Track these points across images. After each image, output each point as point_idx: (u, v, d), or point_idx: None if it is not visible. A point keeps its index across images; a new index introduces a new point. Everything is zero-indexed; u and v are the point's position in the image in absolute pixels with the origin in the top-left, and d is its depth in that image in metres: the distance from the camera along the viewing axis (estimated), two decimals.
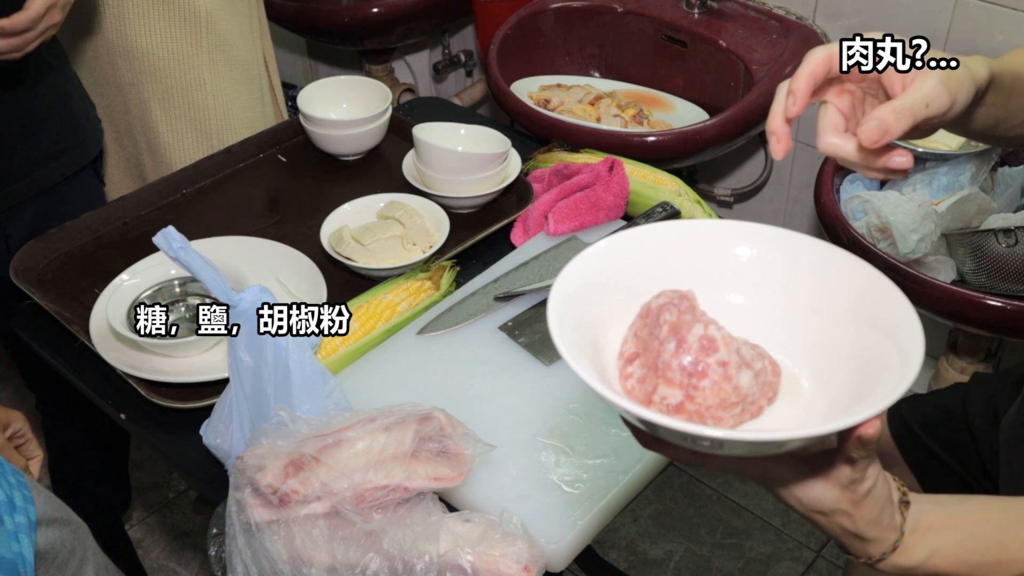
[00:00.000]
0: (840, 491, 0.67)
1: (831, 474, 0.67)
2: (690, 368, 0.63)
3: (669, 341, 0.64)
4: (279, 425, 0.96)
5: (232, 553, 0.95)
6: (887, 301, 0.67)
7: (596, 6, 2.06)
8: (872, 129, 0.71)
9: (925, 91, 0.73)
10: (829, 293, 0.70)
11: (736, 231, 0.74)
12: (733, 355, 0.64)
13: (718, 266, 0.73)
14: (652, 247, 0.73)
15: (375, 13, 2.28)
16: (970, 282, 1.55)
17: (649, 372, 0.65)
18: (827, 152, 0.75)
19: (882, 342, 0.65)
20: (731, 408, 0.64)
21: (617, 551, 2.05)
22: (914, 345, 0.63)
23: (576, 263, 0.70)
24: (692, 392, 0.63)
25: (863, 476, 0.67)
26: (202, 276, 1.00)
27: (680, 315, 0.64)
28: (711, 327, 0.64)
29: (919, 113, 0.73)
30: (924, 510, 0.72)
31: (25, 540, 0.87)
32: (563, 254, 1.33)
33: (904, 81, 0.74)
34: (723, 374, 0.63)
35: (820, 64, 0.75)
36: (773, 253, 0.73)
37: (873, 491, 0.68)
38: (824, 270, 0.71)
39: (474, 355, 1.19)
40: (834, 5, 1.88)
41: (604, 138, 1.74)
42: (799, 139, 2.07)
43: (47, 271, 1.35)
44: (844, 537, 0.71)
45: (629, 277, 0.71)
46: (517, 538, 0.93)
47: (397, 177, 1.49)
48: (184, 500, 2.25)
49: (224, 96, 1.69)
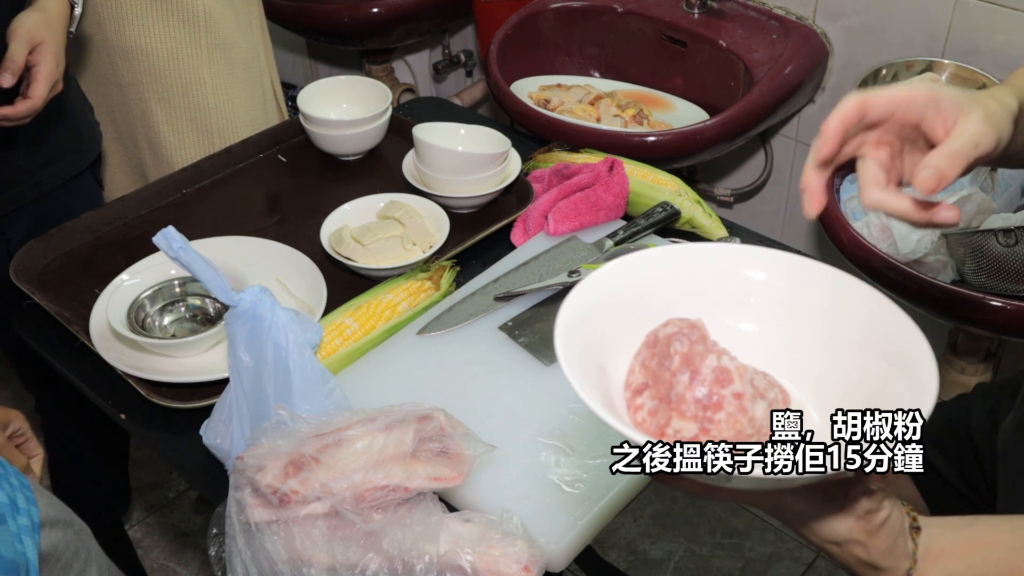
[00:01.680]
0: (855, 522, 0.67)
1: (847, 505, 0.66)
2: (705, 400, 0.62)
3: (682, 373, 0.63)
4: (279, 425, 0.96)
5: (232, 553, 0.95)
6: (898, 331, 0.66)
7: (596, 6, 2.06)
8: (928, 178, 0.70)
9: (971, 132, 0.72)
10: (838, 320, 0.69)
11: (742, 255, 0.73)
12: (747, 386, 0.63)
13: (722, 292, 0.72)
14: (655, 272, 0.72)
15: (375, 13, 2.28)
16: (970, 282, 1.55)
17: (662, 404, 0.64)
18: (872, 208, 0.74)
19: (891, 373, 0.64)
20: (746, 440, 0.63)
21: (617, 551, 2.05)
22: (928, 379, 0.61)
23: (580, 288, 0.69)
24: (707, 425, 0.62)
25: (879, 506, 0.67)
26: (202, 276, 1.00)
27: (692, 345, 0.63)
28: (724, 357, 0.63)
29: (970, 155, 0.72)
30: (935, 535, 0.72)
31: (28, 542, 0.87)
32: (563, 254, 1.33)
33: (945, 124, 0.73)
34: (738, 406, 0.62)
35: (852, 110, 0.73)
36: (780, 278, 0.72)
37: (888, 521, 0.68)
38: (833, 296, 0.70)
39: (474, 355, 1.19)
40: (834, 5, 1.88)
41: (604, 138, 1.74)
42: (799, 139, 2.07)
43: (47, 271, 1.35)
44: (857, 567, 0.70)
45: (632, 302, 0.70)
46: (517, 538, 0.93)
47: (397, 177, 1.49)
48: (184, 500, 2.25)
49: (225, 95, 1.70)
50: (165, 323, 1.26)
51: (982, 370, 1.76)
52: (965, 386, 1.77)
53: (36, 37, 1.25)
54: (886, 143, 0.76)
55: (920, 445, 0.64)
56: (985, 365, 1.76)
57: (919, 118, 0.75)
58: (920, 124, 0.74)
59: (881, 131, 0.76)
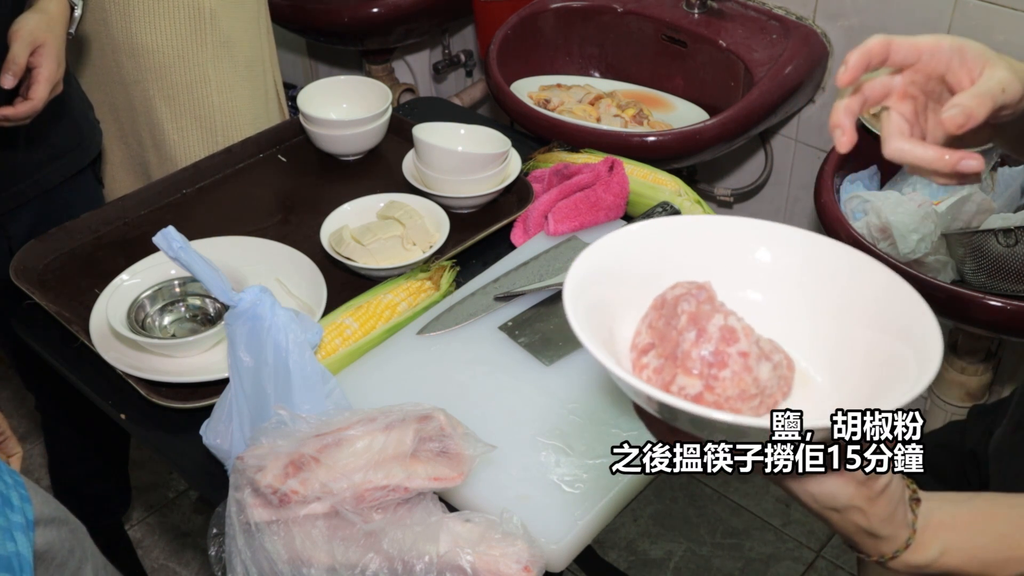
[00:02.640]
0: (856, 487, 0.66)
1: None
2: (710, 358, 0.62)
3: (689, 330, 0.63)
4: (279, 424, 0.96)
5: (232, 553, 0.95)
6: (906, 304, 0.66)
7: (596, 6, 2.06)
8: (956, 115, 0.69)
9: (999, 77, 0.71)
10: (847, 293, 0.70)
11: (753, 229, 0.73)
12: (753, 346, 0.63)
13: (733, 263, 0.72)
14: (666, 240, 0.72)
15: (375, 13, 2.28)
16: (970, 282, 1.55)
17: (667, 362, 0.64)
18: (895, 158, 0.73)
19: (898, 344, 0.65)
20: (750, 400, 0.63)
21: (617, 551, 2.05)
22: (932, 346, 0.62)
23: (590, 251, 0.69)
24: (712, 382, 0.62)
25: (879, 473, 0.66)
26: (202, 276, 1.00)
27: (699, 305, 0.64)
28: (731, 317, 0.63)
29: (997, 98, 0.71)
30: (934, 507, 0.72)
31: (22, 538, 0.87)
32: (563, 254, 1.33)
33: (971, 74, 0.73)
34: (743, 364, 0.62)
35: (878, 45, 0.73)
36: (791, 252, 0.72)
37: (889, 488, 0.68)
38: (843, 271, 0.70)
39: (474, 355, 1.19)
40: (834, 5, 1.88)
41: (604, 138, 1.74)
42: (799, 139, 2.07)
43: (47, 271, 1.35)
44: (857, 535, 0.70)
45: (642, 269, 0.70)
46: (517, 538, 0.93)
47: (397, 177, 1.49)
48: (184, 500, 2.25)
49: (229, 93, 1.70)
50: (165, 323, 1.26)
51: (982, 370, 1.76)
52: (965, 386, 1.77)
53: (38, 39, 1.26)
54: (910, 96, 0.75)
55: (920, 445, 0.64)
56: (985, 365, 1.76)
57: (944, 68, 0.74)
58: (945, 75, 0.74)
59: (907, 81, 0.75)
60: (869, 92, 0.76)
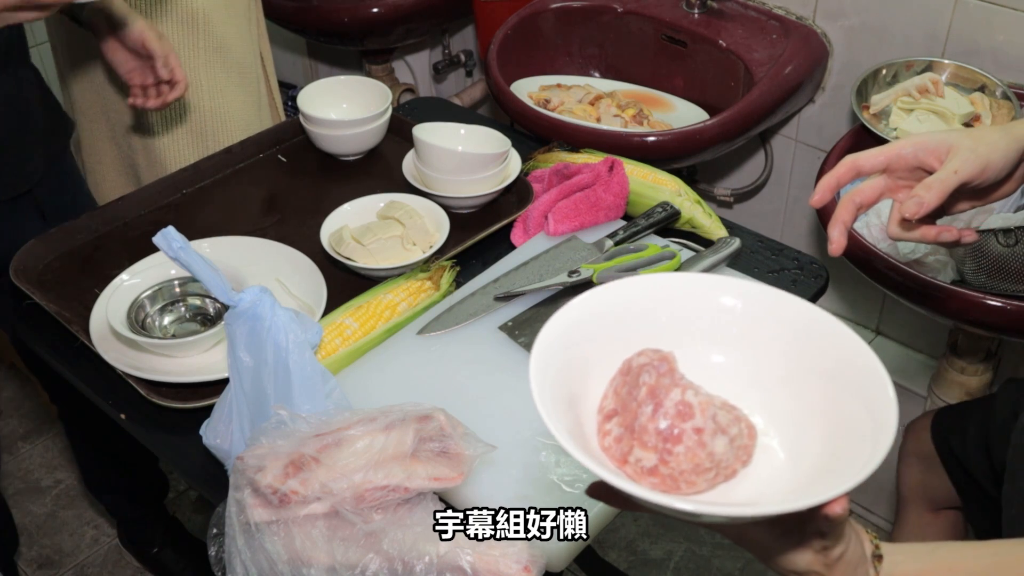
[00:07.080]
0: (813, 555, 0.69)
1: (803, 540, 0.68)
2: (665, 433, 0.64)
3: (647, 404, 0.65)
4: (279, 424, 0.96)
5: (232, 553, 0.95)
6: (867, 372, 0.67)
7: (596, 6, 2.06)
8: (910, 205, 0.88)
9: (954, 162, 0.87)
10: (810, 356, 0.71)
11: (724, 286, 0.75)
12: (709, 422, 0.65)
13: (703, 322, 0.74)
14: (639, 297, 0.74)
15: (375, 13, 2.28)
16: (970, 282, 1.55)
17: (626, 433, 0.66)
18: (895, 239, 0.95)
19: (858, 411, 0.66)
20: (704, 473, 0.65)
21: (617, 551, 2.05)
22: (887, 424, 0.63)
23: (567, 308, 0.71)
24: (666, 456, 0.65)
25: (835, 543, 0.68)
26: (202, 276, 1.00)
27: (659, 378, 0.66)
28: (688, 392, 0.65)
29: (949, 181, 0.87)
30: (898, 562, 0.73)
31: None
32: (563, 254, 1.33)
33: (939, 159, 0.89)
34: (697, 440, 0.64)
35: (846, 172, 0.93)
36: (758, 311, 0.74)
37: (845, 555, 0.70)
38: (808, 332, 0.72)
39: (474, 355, 1.19)
40: (834, 5, 1.88)
41: (604, 138, 1.73)
42: (799, 139, 2.07)
43: (47, 271, 1.35)
44: None
45: (614, 327, 0.73)
46: None
47: (397, 177, 1.49)
48: (184, 500, 2.25)
49: (220, 98, 1.70)
50: (165, 323, 1.26)
51: (982, 370, 1.76)
52: (965, 386, 1.77)
53: (154, 31, 1.45)
54: (900, 187, 0.94)
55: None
56: (985, 365, 1.76)
57: (915, 162, 0.91)
58: (919, 166, 0.91)
59: (893, 178, 0.94)
60: (861, 199, 0.94)
